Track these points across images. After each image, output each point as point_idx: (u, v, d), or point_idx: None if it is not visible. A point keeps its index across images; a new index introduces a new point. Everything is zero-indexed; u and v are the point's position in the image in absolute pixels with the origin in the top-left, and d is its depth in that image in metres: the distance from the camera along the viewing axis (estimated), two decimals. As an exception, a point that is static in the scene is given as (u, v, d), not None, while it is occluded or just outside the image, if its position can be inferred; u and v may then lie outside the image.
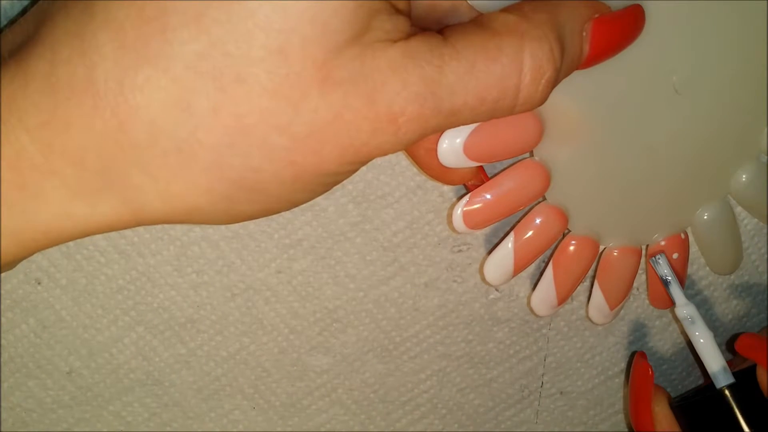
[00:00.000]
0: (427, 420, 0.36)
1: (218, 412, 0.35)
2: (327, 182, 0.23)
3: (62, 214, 0.21)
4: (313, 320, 0.34)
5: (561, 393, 0.37)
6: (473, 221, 0.30)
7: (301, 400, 0.35)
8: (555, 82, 0.23)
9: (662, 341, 0.36)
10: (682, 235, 0.33)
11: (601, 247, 0.32)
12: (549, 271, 0.32)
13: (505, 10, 0.23)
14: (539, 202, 0.31)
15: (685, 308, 0.32)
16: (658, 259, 0.32)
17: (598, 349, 0.36)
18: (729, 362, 0.33)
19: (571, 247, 0.32)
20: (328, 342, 0.34)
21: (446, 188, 0.32)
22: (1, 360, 0.33)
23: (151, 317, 0.33)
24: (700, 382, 0.38)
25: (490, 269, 0.31)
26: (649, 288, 0.34)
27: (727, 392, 0.32)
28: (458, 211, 0.30)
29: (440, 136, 0.27)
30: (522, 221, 0.31)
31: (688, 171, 0.31)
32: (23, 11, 0.27)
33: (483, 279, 0.32)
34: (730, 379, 0.32)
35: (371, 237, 0.33)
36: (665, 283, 0.32)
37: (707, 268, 0.35)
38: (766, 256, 0.35)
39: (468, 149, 0.27)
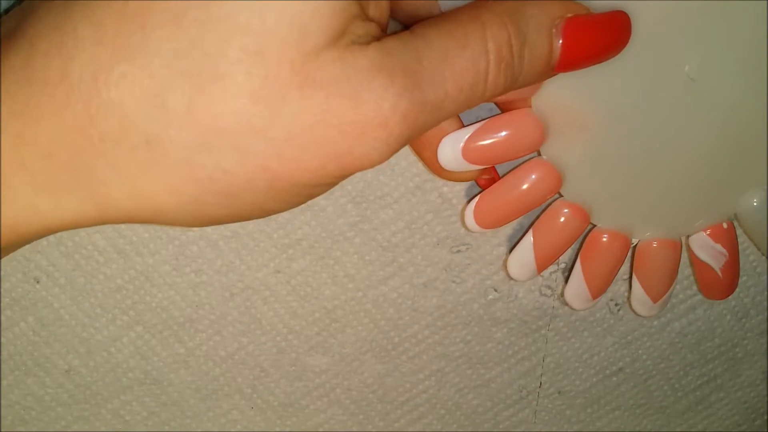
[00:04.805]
0: (425, 420, 0.36)
1: (216, 411, 0.35)
2: (302, 194, 0.22)
3: (28, 208, 0.21)
4: (311, 320, 0.34)
5: (559, 392, 0.37)
6: (485, 221, 0.30)
7: (300, 400, 0.35)
8: (514, 69, 0.23)
9: (660, 341, 0.36)
10: (725, 225, 0.31)
11: (635, 240, 0.32)
12: (578, 266, 0.32)
13: (468, 4, 0.23)
14: (555, 199, 0.31)
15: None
16: (697, 240, 0.31)
17: (596, 349, 0.36)
18: None
19: (597, 241, 0.31)
20: (326, 342, 0.34)
21: (445, 189, 0.32)
22: (0, 358, 0.33)
23: (149, 316, 0.33)
24: (699, 382, 0.38)
25: (513, 266, 0.31)
26: (698, 281, 0.33)
27: None
28: (469, 211, 0.30)
29: (440, 142, 0.27)
30: (540, 218, 0.31)
31: (719, 158, 0.29)
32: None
33: (507, 275, 0.32)
34: None
35: (370, 237, 0.33)
36: (716, 259, 0.31)
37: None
38: (765, 256, 0.35)
39: (466, 153, 0.27)
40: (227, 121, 0.20)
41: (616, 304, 0.35)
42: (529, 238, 0.31)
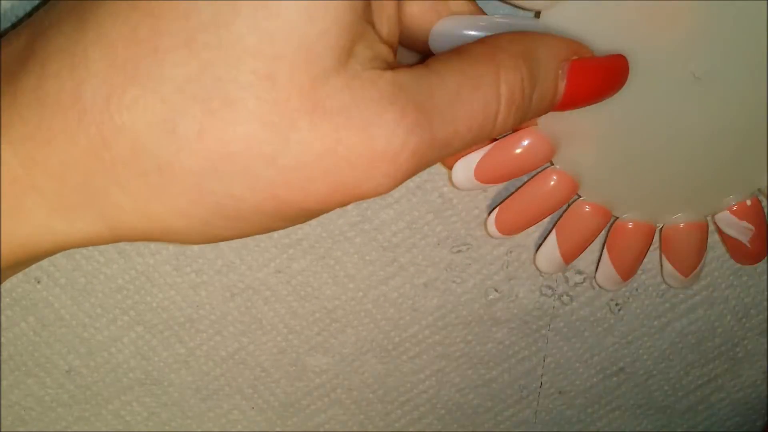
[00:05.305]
0: (426, 420, 0.36)
1: (217, 411, 0.35)
2: (307, 216, 0.22)
3: (41, 229, 0.21)
4: (312, 320, 0.34)
5: (560, 392, 0.37)
6: (507, 229, 0.31)
7: (300, 400, 0.35)
8: (524, 111, 0.23)
9: (660, 341, 0.36)
10: (749, 202, 0.31)
11: (660, 224, 0.32)
12: (605, 256, 0.32)
13: (483, 41, 0.23)
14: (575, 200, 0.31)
15: None
16: (722, 219, 0.32)
17: (597, 349, 0.36)
18: None
19: (623, 232, 0.32)
20: (327, 342, 0.34)
21: (446, 189, 0.32)
22: (1, 358, 0.33)
23: (150, 317, 0.33)
24: (699, 382, 0.38)
25: (541, 263, 0.32)
26: (728, 250, 0.34)
27: None
28: (491, 221, 0.31)
29: (453, 167, 0.28)
30: (562, 219, 0.31)
31: (737, 139, 0.29)
32: (20, 21, 0.27)
33: (537, 269, 0.33)
34: None
35: (370, 237, 0.33)
36: (744, 233, 0.32)
37: (705, 268, 0.35)
38: (765, 256, 0.35)
39: (479, 176, 0.28)
40: (237, 147, 0.20)
41: (617, 304, 0.35)
42: (553, 237, 0.32)
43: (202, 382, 0.34)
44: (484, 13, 0.26)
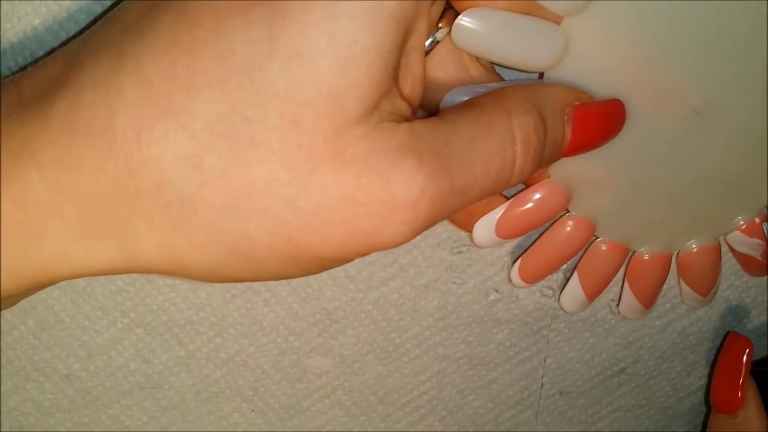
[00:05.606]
0: (426, 421, 0.36)
1: (217, 414, 0.35)
2: (321, 265, 0.23)
3: (60, 255, 0.21)
4: (312, 321, 0.34)
5: (561, 393, 0.37)
6: (530, 278, 0.32)
7: (301, 402, 0.35)
8: (540, 155, 0.24)
9: (662, 341, 0.36)
10: (757, 220, 0.32)
11: (675, 251, 0.33)
12: (626, 288, 0.33)
13: (490, 93, 0.24)
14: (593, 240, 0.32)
15: None
16: (734, 238, 0.33)
17: (598, 349, 0.36)
18: None
19: (641, 264, 0.33)
20: (327, 343, 0.34)
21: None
22: (0, 362, 0.33)
23: (150, 319, 0.33)
24: (701, 382, 0.38)
25: (567, 304, 0.33)
26: (740, 264, 0.35)
27: None
28: (515, 273, 0.32)
29: (474, 228, 0.29)
30: (582, 260, 0.32)
31: (743, 163, 0.30)
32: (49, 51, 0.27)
33: (563, 310, 0.34)
34: None
35: (371, 238, 0.33)
36: (756, 249, 0.33)
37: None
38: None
39: (501, 233, 0.29)
40: (259, 186, 0.20)
41: (618, 305, 0.35)
42: (575, 279, 0.33)
43: (203, 384, 0.34)
44: (502, 79, 0.27)
